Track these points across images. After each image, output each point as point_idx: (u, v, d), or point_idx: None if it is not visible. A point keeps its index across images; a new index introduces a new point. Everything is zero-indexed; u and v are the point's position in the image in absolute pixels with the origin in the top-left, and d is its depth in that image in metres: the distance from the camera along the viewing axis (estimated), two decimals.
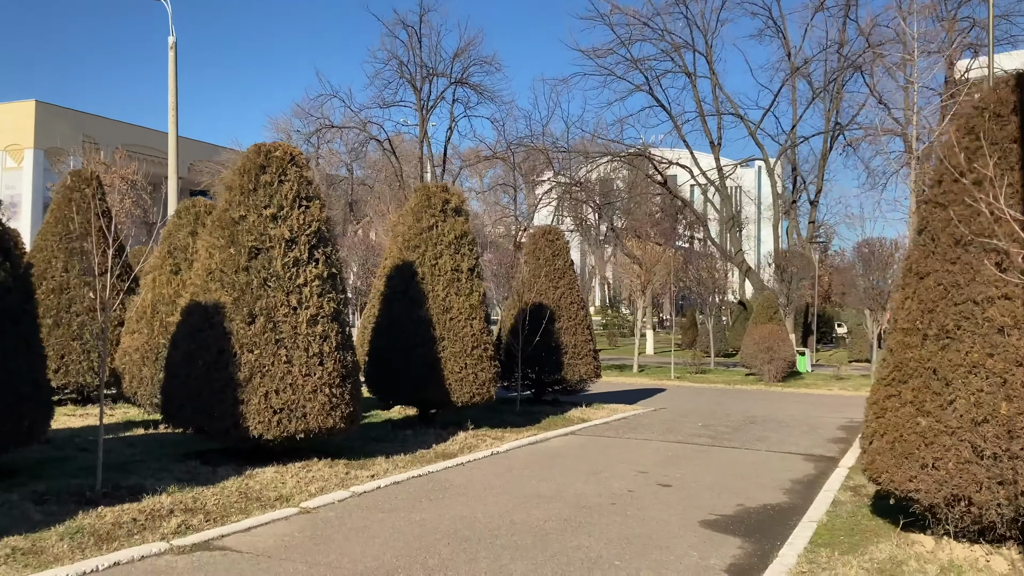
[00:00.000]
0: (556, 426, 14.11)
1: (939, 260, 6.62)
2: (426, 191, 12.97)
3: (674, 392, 22.17)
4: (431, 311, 12.47)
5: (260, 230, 9.59)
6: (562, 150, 42.53)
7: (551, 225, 16.94)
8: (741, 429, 14.63)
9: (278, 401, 9.23)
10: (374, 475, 9.52)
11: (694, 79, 41.21)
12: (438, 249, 12.72)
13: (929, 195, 6.96)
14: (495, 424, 13.71)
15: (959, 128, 6.85)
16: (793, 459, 11.69)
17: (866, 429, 7.10)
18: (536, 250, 16.78)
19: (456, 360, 12.39)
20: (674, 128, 41.63)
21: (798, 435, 14.09)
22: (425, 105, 51.33)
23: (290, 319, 9.46)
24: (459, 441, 11.97)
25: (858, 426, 15.74)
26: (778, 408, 18.49)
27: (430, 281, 12.63)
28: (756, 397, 21.31)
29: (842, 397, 22.13)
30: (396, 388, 12.60)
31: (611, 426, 14.55)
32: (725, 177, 42.25)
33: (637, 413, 16.55)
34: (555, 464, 10.76)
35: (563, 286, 16.61)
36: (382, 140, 52.02)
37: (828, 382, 26.25)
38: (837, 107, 41.78)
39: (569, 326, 16.43)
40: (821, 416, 17.11)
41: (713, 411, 17.49)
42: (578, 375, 16.41)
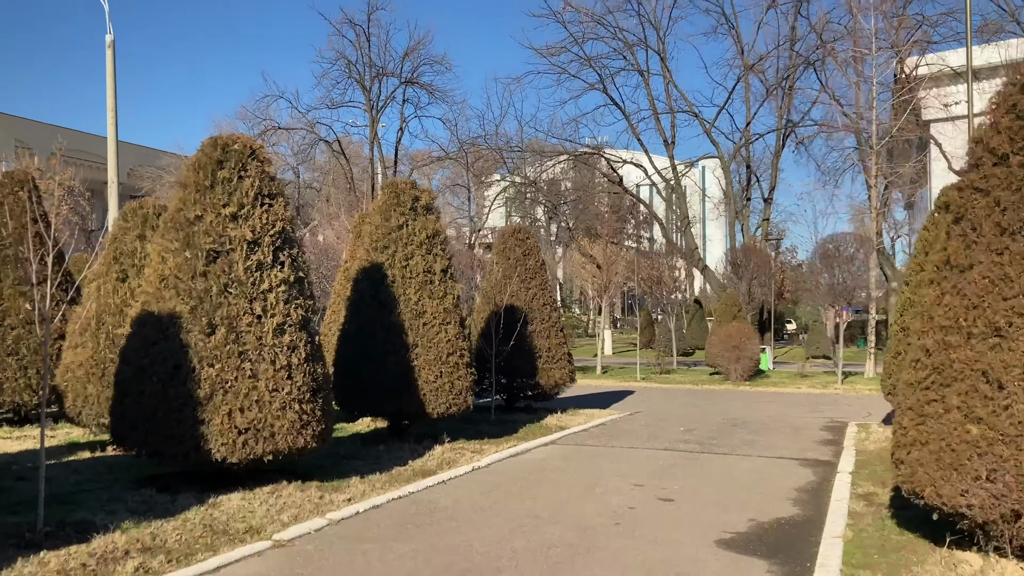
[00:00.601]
0: (535, 435, 13.37)
1: (983, 251, 6.04)
2: (394, 188, 12.13)
3: (644, 394, 21.61)
4: (403, 316, 11.64)
5: (219, 231, 8.67)
6: (516, 149, 41.91)
7: (521, 224, 16.17)
8: (725, 433, 14.07)
9: (243, 420, 8.32)
10: (350, 498, 8.66)
11: (647, 77, 40.98)
12: (409, 249, 11.89)
13: (966, 181, 6.38)
14: (471, 435, 12.92)
15: (999, 107, 6.29)
16: (788, 465, 11.13)
17: (901, 438, 6.49)
18: (506, 250, 16.02)
19: (431, 368, 11.57)
20: (628, 127, 41.33)
21: (784, 438, 13.57)
22: (375, 105, 50.26)
23: (254, 329, 8.56)
24: (436, 456, 11.15)
25: (840, 426, 15.36)
26: (754, 409, 18.01)
27: (401, 284, 11.79)
28: (728, 398, 20.85)
29: (812, 395, 21.81)
30: (366, 400, 11.73)
31: (592, 434, 13.86)
32: (680, 176, 42.02)
33: (614, 418, 15.89)
34: (544, 479, 10.02)
35: (535, 287, 15.88)
36: (331, 141, 50.81)
37: (794, 380, 25.98)
38: (789, 104, 41.92)
39: (543, 329, 15.70)
40: (800, 416, 16.66)
41: (690, 414, 16.93)
42: (553, 380, 15.70)
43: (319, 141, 50.40)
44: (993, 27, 36.62)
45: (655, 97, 41.62)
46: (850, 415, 16.89)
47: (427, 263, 11.92)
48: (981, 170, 6.24)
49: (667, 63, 40.70)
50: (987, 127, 6.35)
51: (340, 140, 51.19)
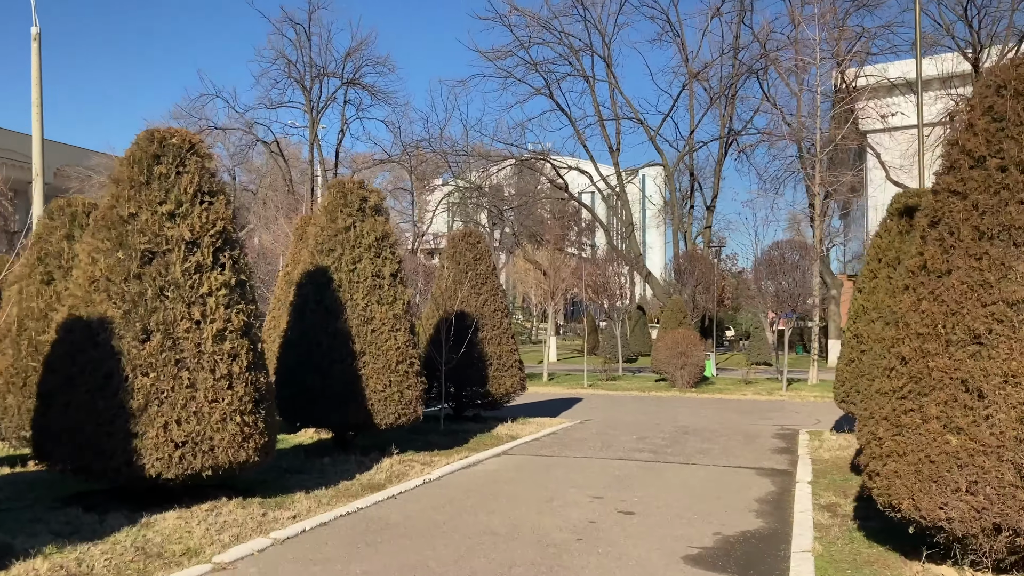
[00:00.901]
0: (486, 446, 12.97)
1: (962, 256, 5.87)
2: (341, 187, 11.62)
3: (592, 401, 21.38)
4: (350, 322, 11.14)
5: (155, 230, 8.09)
6: (461, 153, 41.49)
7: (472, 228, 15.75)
8: (678, 441, 13.86)
9: (180, 433, 7.76)
10: (296, 516, 8.15)
11: (592, 83, 41.00)
12: (357, 252, 11.40)
13: (942, 183, 6.22)
14: (420, 447, 12.46)
15: (974, 109, 6.13)
16: (746, 474, 10.94)
17: (876, 449, 6.28)
18: (456, 254, 15.60)
19: (379, 377, 11.09)
20: (575, 133, 41.26)
21: (738, 446, 13.42)
22: (315, 106, 49.42)
23: (193, 335, 8.00)
24: (385, 468, 10.67)
25: (791, 433, 15.30)
26: (704, 416, 17.90)
27: (348, 288, 11.29)
28: (676, 404, 20.74)
29: (759, 402, 21.86)
30: (310, 410, 11.18)
31: (544, 443, 13.51)
32: (625, 182, 42.11)
33: (565, 427, 15.59)
34: (499, 492, 9.62)
35: (486, 292, 15.49)
36: (269, 143, 49.74)
37: (739, 386, 26.07)
38: (732, 113, 42.38)
39: (494, 335, 15.31)
40: (751, 424, 16.59)
41: (641, 422, 16.72)
42: (504, 388, 15.31)
43: (257, 142, 49.36)
44: (929, 41, 37.48)
45: (600, 103, 41.68)
46: (799, 422, 16.88)
47: (376, 267, 11.45)
48: (958, 173, 6.08)
49: (613, 69, 40.81)
50: (963, 129, 6.20)
51: (279, 141, 50.17)
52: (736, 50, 40.32)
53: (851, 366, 12.99)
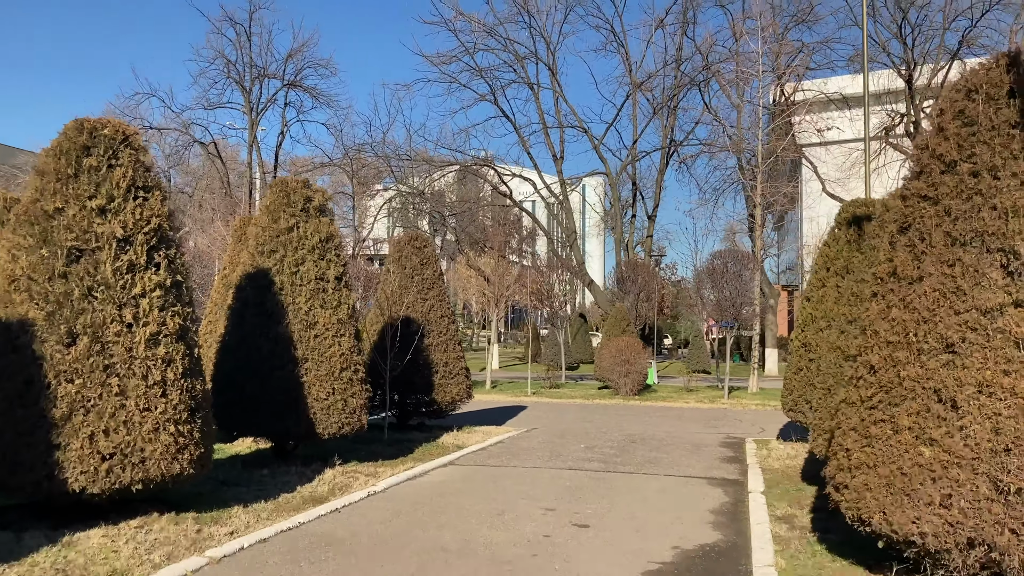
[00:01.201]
0: (432, 455, 12.57)
1: (934, 263, 5.74)
2: (284, 186, 11.14)
3: (537, 409, 21.11)
4: (292, 327, 10.65)
5: (83, 226, 7.55)
6: (404, 158, 40.99)
7: (418, 231, 15.32)
8: (627, 450, 13.66)
9: (108, 444, 7.22)
10: (233, 532, 7.66)
11: (537, 91, 40.94)
12: (300, 254, 10.93)
13: (912, 188, 6.09)
14: (364, 457, 12.01)
15: (944, 113, 6.03)
16: (698, 485, 10.76)
17: (844, 460, 6.11)
18: (402, 258, 15.18)
19: (322, 384, 10.63)
20: (519, 140, 41.10)
21: (686, 455, 13.28)
22: (255, 108, 48.38)
23: (124, 339, 7.47)
24: (327, 480, 10.20)
25: (738, 442, 15.24)
26: (650, 425, 17.77)
27: (290, 292, 10.81)
28: (621, 413, 20.60)
29: (702, 410, 21.86)
30: (249, 419, 10.65)
31: (491, 453, 13.17)
32: (569, 191, 42.11)
33: (512, 435, 15.27)
34: (448, 504, 9.25)
35: (432, 298, 15.10)
36: (206, 144, 48.49)
37: (681, 394, 26.11)
38: (673, 124, 42.75)
39: (440, 342, 14.93)
40: (697, 432, 16.50)
41: (587, 430, 16.50)
42: (450, 396, 14.93)
43: (193, 143, 48.04)
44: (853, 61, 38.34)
45: (545, 111, 41.65)
46: (744, 431, 16.87)
47: (320, 269, 10.99)
48: (928, 178, 5.95)
49: (557, 77, 40.81)
50: (932, 133, 6.08)
51: (216, 143, 48.94)
52: (679, 61, 40.73)
53: (799, 375, 12.95)
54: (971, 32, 33.90)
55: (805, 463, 12.08)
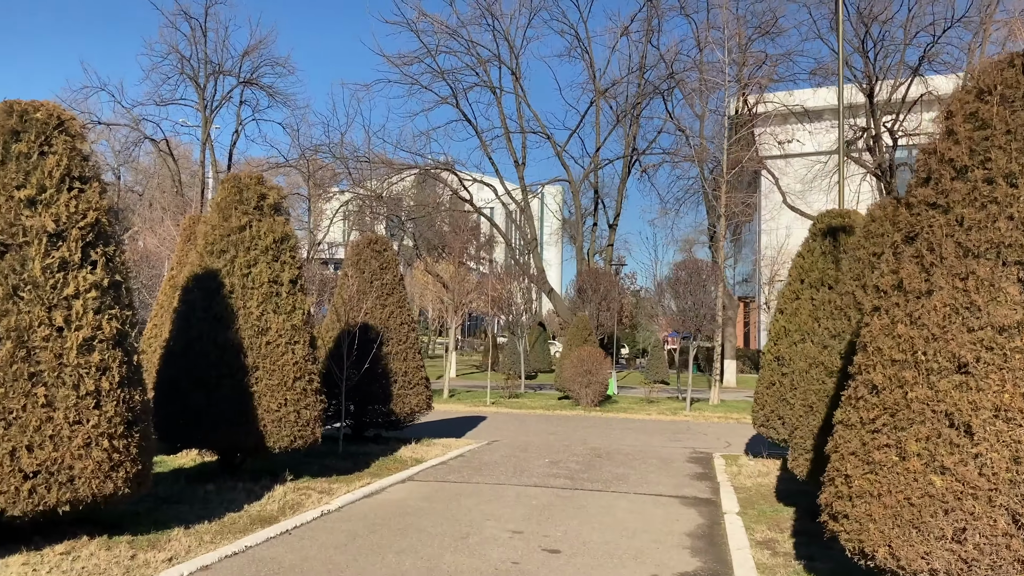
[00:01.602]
0: (390, 470, 11.93)
1: (944, 275, 5.30)
2: (237, 183, 10.44)
3: (497, 420, 20.54)
4: (243, 333, 9.96)
5: (9, 219, 6.82)
6: (363, 159, 40.19)
7: (377, 234, 14.65)
8: (593, 466, 13.15)
9: (32, 461, 6.50)
10: (172, 558, 6.97)
11: (499, 95, 40.47)
12: (252, 255, 10.24)
13: (919, 195, 5.66)
14: (317, 471, 11.33)
15: (954, 115, 5.61)
16: (670, 504, 10.29)
17: (843, 488, 5.64)
18: (360, 262, 14.50)
19: (274, 395, 9.94)
20: (480, 144, 40.59)
21: (655, 471, 12.81)
22: (209, 105, 47.23)
23: (53, 344, 6.76)
24: (277, 497, 9.52)
25: (705, 457, 14.84)
26: (614, 438, 17.31)
27: (241, 295, 10.11)
28: (584, 424, 20.11)
29: (664, 422, 21.47)
30: (194, 430, 9.92)
31: (452, 467, 12.56)
32: (531, 197, 41.68)
33: (473, 448, 14.67)
34: (408, 526, 8.63)
35: (392, 304, 14.44)
36: (158, 141, 47.20)
37: (642, 406, 25.76)
38: (636, 132, 42.60)
39: (399, 351, 14.27)
40: (663, 446, 16.08)
41: (551, 443, 15.97)
42: (408, 407, 14.27)
43: (144, 139, 46.71)
44: (827, 70, 38.60)
45: (507, 116, 41.18)
46: (710, 445, 16.49)
47: (273, 272, 10.31)
48: (938, 184, 5.52)
49: (521, 82, 40.37)
50: (941, 137, 5.66)
51: (168, 140, 47.67)
52: (643, 69, 40.57)
53: (772, 390, 12.59)
54: (932, 48, 34.22)
55: (778, 481, 11.70)
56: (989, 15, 34.63)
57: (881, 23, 35.57)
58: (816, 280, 12.45)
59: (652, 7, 40.29)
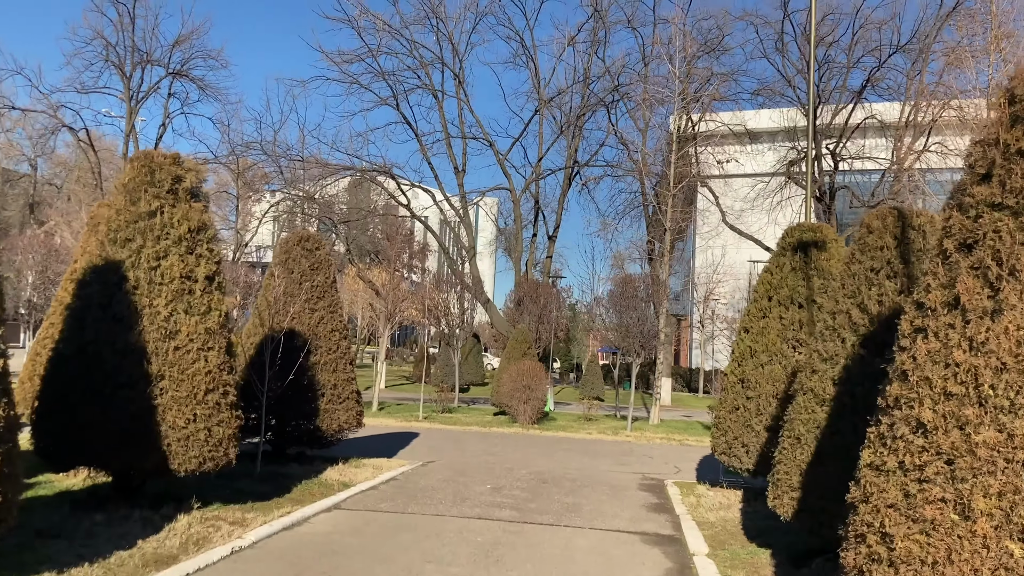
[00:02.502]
0: (314, 495, 10.57)
1: (1018, 293, 4.33)
2: (147, 161, 9.01)
3: (431, 437, 19.24)
4: (147, 335, 8.53)
5: None
6: (297, 159, 38.50)
7: (308, 231, 13.19)
8: (540, 493, 12.01)
9: None
10: None
11: (441, 99, 39.30)
12: (163, 246, 8.82)
13: (978, 195, 4.68)
14: (230, 496, 9.91)
15: (1015, 99, 4.67)
16: (630, 541, 9.19)
17: (877, 548, 4.60)
18: (289, 261, 13.08)
19: (181, 409, 8.53)
20: (419, 148, 39.30)
21: (608, 501, 11.73)
22: (135, 96, 44.96)
23: None
24: (180, 530, 8.11)
25: (657, 484, 13.81)
26: (557, 460, 16.20)
27: (148, 292, 8.68)
28: (524, 444, 18.97)
29: (606, 443, 20.49)
30: (85, 448, 8.43)
31: (384, 493, 11.25)
32: (470, 205, 40.53)
33: (407, 471, 13.37)
34: (335, 569, 7.33)
35: (323, 309, 13.05)
36: (77, 130, 44.61)
37: (581, 424, 24.79)
38: (577, 145, 41.90)
39: (329, 360, 12.88)
40: (610, 471, 15.03)
41: (490, 465, 14.77)
42: (337, 423, 12.88)
43: (63, 128, 44.08)
44: (771, 90, 38.51)
45: (449, 120, 40.07)
46: (659, 470, 15.52)
47: (187, 266, 8.91)
48: (1006, 181, 4.55)
49: (464, 86, 39.26)
50: (1004, 126, 4.71)
51: (89, 131, 45.09)
52: (587, 81, 39.88)
53: (736, 415, 11.65)
54: (877, 72, 34.33)
55: (744, 516, 10.73)
56: (928, 45, 34.97)
57: (827, 45, 35.61)
58: (786, 297, 11.58)
59: (599, 18, 39.70)
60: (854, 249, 8.16)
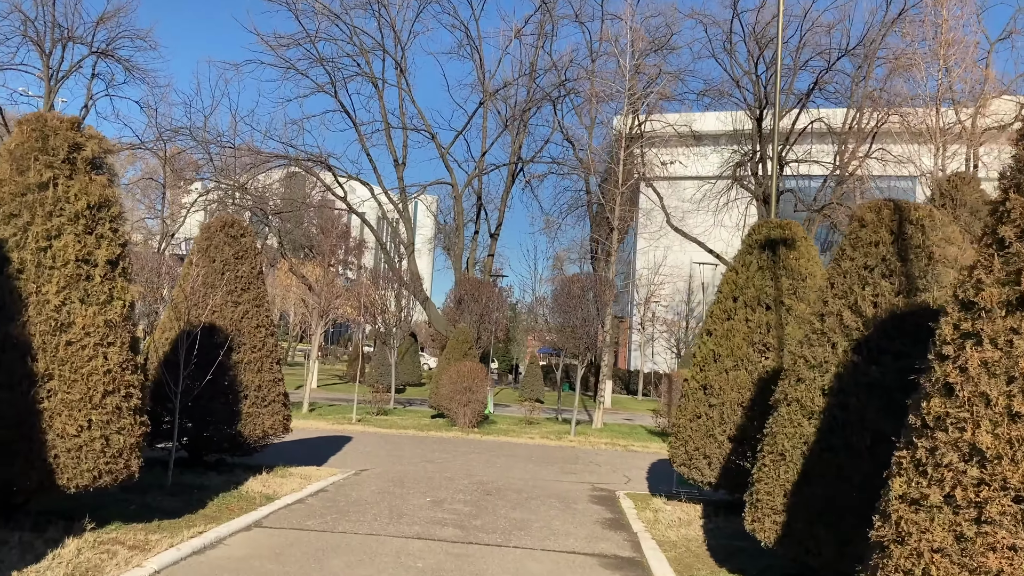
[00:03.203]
0: (232, 511, 9.37)
1: None
2: (40, 124, 7.73)
3: (365, 442, 18.07)
4: (33, 328, 7.28)
5: None
6: (228, 146, 36.77)
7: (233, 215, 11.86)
8: (485, 507, 11.01)
9: None
10: None
11: (382, 88, 37.97)
12: (56, 223, 7.57)
13: None
14: (134, 513, 8.66)
15: None
16: (588, 565, 8.27)
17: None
18: (211, 248, 11.81)
19: (73, 414, 7.30)
20: (358, 137, 37.94)
21: (558, 516, 10.80)
22: (55, 74, 42.43)
23: None
24: (66, 558, 6.87)
25: (609, 496, 12.90)
26: (500, 468, 15.23)
27: (35, 276, 7.42)
28: (464, 449, 17.93)
29: (549, 448, 19.60)
30: None
31: (313, 508, 10.11)
32: (411, 199, 39.30)
33: (338, 481, 12.23)
34: None
35: (247, 302, 11.82)
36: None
37: (522, 427, 23.89)
38: (522, 141, 41.05)
39: (254, 359, 11.66)
40: (557, 480, 14.11)
41: (430, 475, 13.71)
42: (261, 429, 11.66)
43: None
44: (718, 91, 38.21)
45: (389, 111, 38.70)
46: (609, 479, 14.67)
47: (85, 248, 7.66)
48: None
49: (406, 75, 38.00)
50: None
51: (2, 111, 42.41)
52: (533, 74, 39.03)
53: (697, 423, 10.84)
54: (825, 75, 34.22)
55: (706, 534, 9.90)
56: (873, 51, 35.07)
57: (775, 46, 35.41)
58: (752, 298, 10.82)
59: (547, 11, 38.89)
60: (844, 245, 7.37)
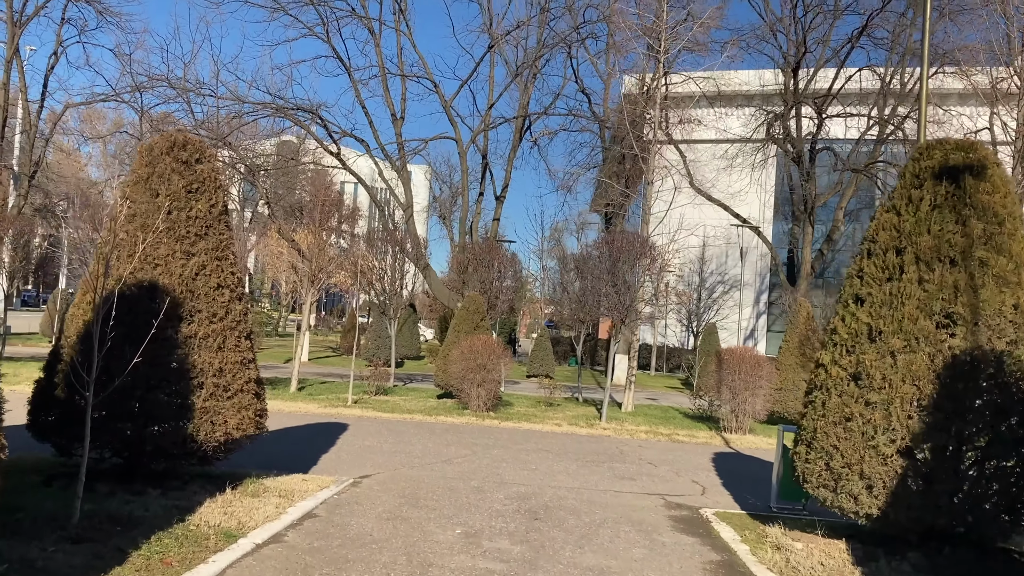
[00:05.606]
0: (168, 566, 6.11)
1: None
2: None
3: (363, 431, 14.82)
4: None
5: None
6: (208, 94, 33.15)
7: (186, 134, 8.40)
8: (538, 546, 7.78)
9: None
10: None
11: (379, 32, 34.23)
12: None
13: None
14: (11, 569, 5.42)
15: None
16: None
17: None
18: (153, 177, 8.41)
19: None
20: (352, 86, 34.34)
21: (643, 558, 7.59)
22: (19, 18, 38.53)
23: None
24: None
25: (694, 518, 9.12)
26: (536, 471, 12.00)
27: None
28: (484, 442, 14.69)
29: (580, 438, 16.42)
30: None
31: (296, 550, 6.84)
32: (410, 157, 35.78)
33: (330, 499, 8.96)
34: None
35: (204, 253, 8.43)
36: None
37: (541, 410, 20.74)
38: (531, 93, 37.57)
39: (213, 332, 8.29)
40: (617, 492, 10.89)
41: (451, 483, 10.47)
42: (223, 429, 8.29)
43: None
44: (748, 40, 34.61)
45: (387, 57, 35.20)
46: (679, 488, 11.49)
47: None
48: None
49: (406, 15, 34.29)
50: None
51: None
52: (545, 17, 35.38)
53: (844, 427, 7.59)
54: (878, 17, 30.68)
55: None
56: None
57: None
58: (928, 249, 7.53)
59: None
60: None
